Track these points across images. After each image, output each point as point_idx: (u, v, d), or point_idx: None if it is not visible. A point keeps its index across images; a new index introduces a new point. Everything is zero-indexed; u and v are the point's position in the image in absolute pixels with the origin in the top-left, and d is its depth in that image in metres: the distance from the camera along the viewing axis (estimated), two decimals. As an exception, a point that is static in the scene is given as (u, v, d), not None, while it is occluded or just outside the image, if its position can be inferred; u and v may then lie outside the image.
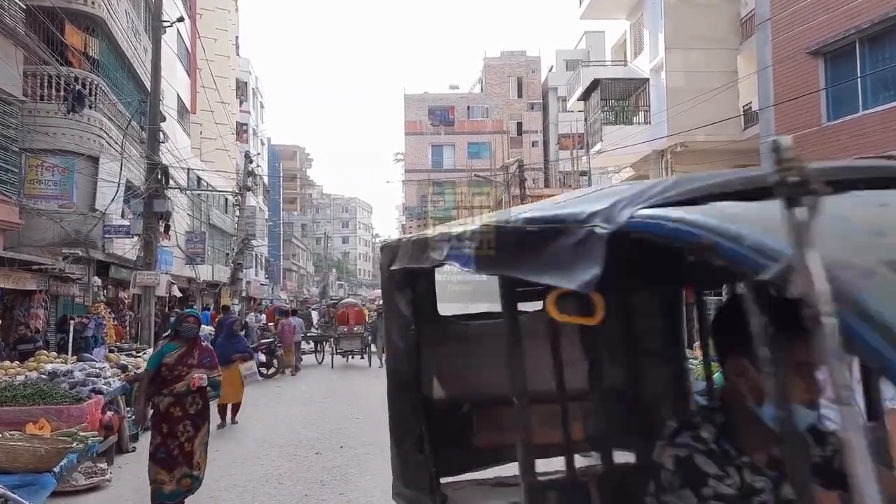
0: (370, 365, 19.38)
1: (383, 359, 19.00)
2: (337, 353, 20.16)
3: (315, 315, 29.31)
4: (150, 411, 5.64)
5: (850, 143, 11.69)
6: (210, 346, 5.99)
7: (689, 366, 8.84)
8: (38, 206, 13.02)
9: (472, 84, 52.42)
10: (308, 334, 21.09)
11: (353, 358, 20.09)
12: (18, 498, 3.82)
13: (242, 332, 13.32)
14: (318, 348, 21.18)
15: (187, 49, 25.66)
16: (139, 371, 9.49)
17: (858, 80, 12.17)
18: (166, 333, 6.02)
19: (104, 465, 6.95)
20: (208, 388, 5.60)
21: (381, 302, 30.06)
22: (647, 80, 20.09)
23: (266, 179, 45.69)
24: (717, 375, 7.52)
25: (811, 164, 1.01)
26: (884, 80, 11.82)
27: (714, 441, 1.56)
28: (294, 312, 21.86)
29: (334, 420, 10.25)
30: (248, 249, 30.66)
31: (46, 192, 13.51)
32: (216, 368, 5.77)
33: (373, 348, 25.40)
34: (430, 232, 2.32)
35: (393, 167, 65.58)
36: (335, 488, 6.45)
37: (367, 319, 21.25)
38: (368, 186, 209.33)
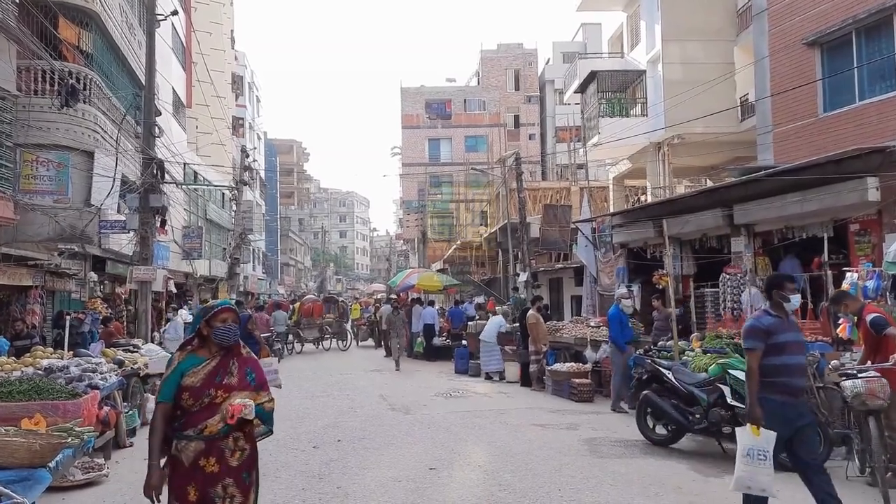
0: (326, 349, 22.80)
1: (397, 358, 17.21)
2: (303, 342, 23.03)
3: None
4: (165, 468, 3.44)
5: (847, 134, 11.67)
6: (253, 354, 3.76)
7: (687, 357, 8.80)
8: (34, 201, 12.96)
9: (468, 77, 52.27)
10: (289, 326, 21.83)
11: (315, 346, 23.20)
12: (12, 493, 3.81)
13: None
14: (288, 340, 22.20)
15: (182, 43, 25.52)
16: (136, 366, 9.47)
17: (855, 70, 12.15)
18: (184, 339, 3.74)
19: (101, 461, 6.94)
20: (255, 422, 3.48)
21: (380, 296, 30.46)
22: (644, 72, 20.05)
23: (263, 174, 45.59)
24: (713, 367, 7.47)
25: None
26: (880, 71, 11.80)
27: None
28: (279, 306, 22.57)
29: (332, 414, 10.26)
30: (246, 244, 30.63)
31: (41, 187, 13.45)
32: (267, 388, 3.62)
33: (370, 341, 25.38)
34: None
35: (390, 161, 65.39)
36: (333, 482, 6.45)
37: (341, 312, 24.67)
38: (366, 180, 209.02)
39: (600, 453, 7.52)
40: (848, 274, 8.47)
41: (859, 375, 5.65)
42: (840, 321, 8.27)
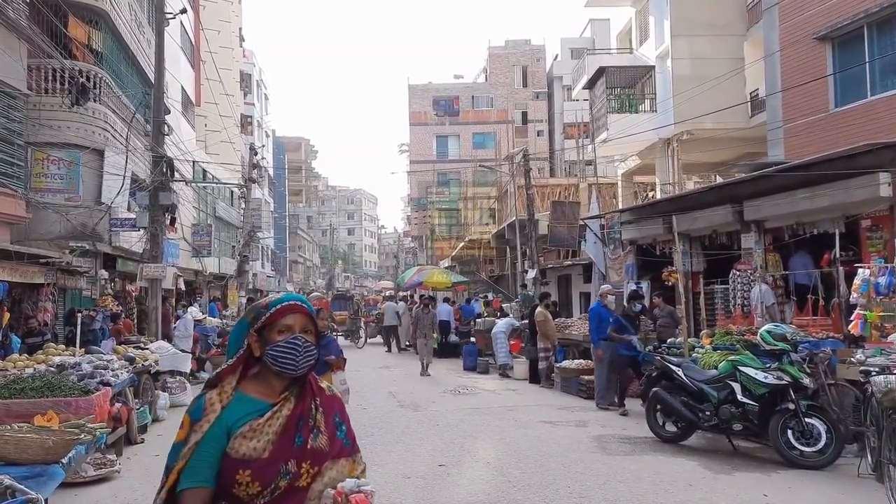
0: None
1: (425, 363, 15.08)
2: None
3: None
4: None
5: (858, 129, 11.58)
6: (335, 391, 2.16)
7: (697, 354, 8.79)
8: (45, 199, 13.05)
9: (476, 73, 52.21)
10: None
11: None
12: (26, 489, 3.84)
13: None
14: None
15: (191, 41, 25.62)
16: (147, 363, 9.51)
17: (867, 65, 12.04)
18: (224, 365, 2.00)
19: (113, 457, 6.99)
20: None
21: (390, 293, 30.65)
22: (653, 67, 19.94)
23: (271, 171, 45.71)
24: (723, 364, 7.48)
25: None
26: (892, 65, 11.70)
27: None
28: None
29: (341, 411, 10.28)
30: (255, 242, 30.70)
31: (52, 185, 13.54)
32: (358, 448, 2.20)
33: (378, 338, 25.51)
34: None
35: (398, 158, 65.36)
36: (342, 478, 6.47)
37: (354, 310, 25.10)
38: (374, 178, 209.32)
39: (610, 450, 7.51)
40: (860, 270, 8.40)
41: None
42: (852, 317, 8.21)
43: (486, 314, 19.99)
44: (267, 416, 1.90)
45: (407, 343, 21.13)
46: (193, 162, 21.11)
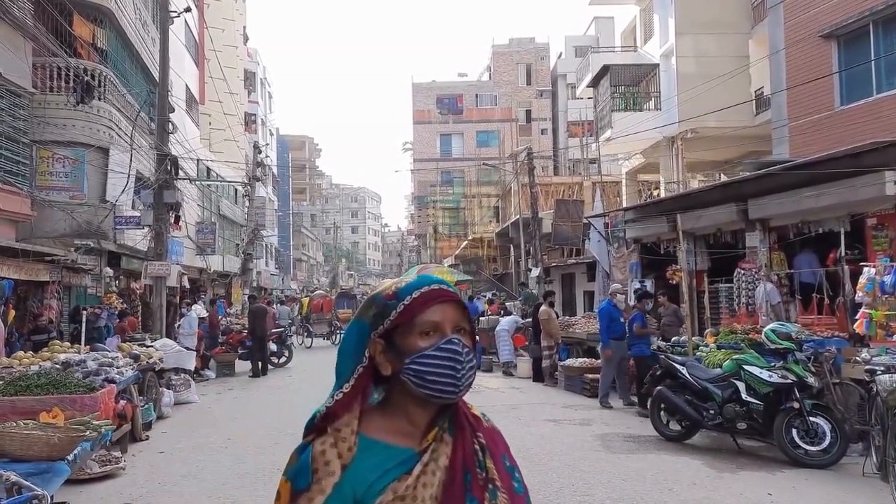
0: (335, 344, 23.00)
1: None
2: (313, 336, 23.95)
3: None
4: None
5: (864, 128, 11.53)
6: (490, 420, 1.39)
7: (701, 353, 8.78)
8: (50, 197, 13.08)
9: (480, 72, 52.15)
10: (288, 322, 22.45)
11: (324, 340, 23.70)
12: (32, 485, 3.85)
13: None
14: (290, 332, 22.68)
15: (195, 39, 25.64)
16: (152, 360, 9.53)
17: (872, 63, 12.00)
18: (334, 397, 1.33)
19: (118, 454, 7.02)
20: None
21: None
22: (658, 65, 19.89)
23: (275, 170, 45.75)
24: (727, 363, 7.46)
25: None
26: (899, 63, 11.65)
27: None
28: (283, 302, 23.23)
29: (345, 408, 10.28)
30: (259, 240, 30.78)
31: (57, 183, 13.56)
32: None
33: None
34: None
35: (402, 156, 65.52)
36: (346, 476, 6.47)
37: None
38: (377, 176, 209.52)
39: (613, 448, 7.51)
40: (865, 269, 8.37)
41: None
42: (857, 316, 8.18)
43: (488, 313, 19.98)
44: (417, 470, 1.22)
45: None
46: (198, 160, 21.15)
